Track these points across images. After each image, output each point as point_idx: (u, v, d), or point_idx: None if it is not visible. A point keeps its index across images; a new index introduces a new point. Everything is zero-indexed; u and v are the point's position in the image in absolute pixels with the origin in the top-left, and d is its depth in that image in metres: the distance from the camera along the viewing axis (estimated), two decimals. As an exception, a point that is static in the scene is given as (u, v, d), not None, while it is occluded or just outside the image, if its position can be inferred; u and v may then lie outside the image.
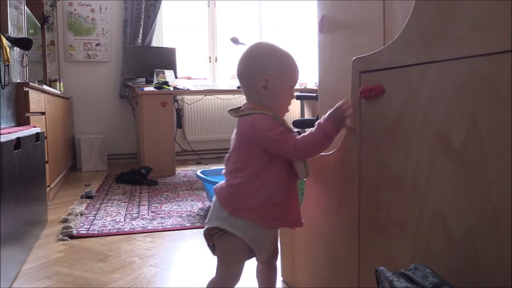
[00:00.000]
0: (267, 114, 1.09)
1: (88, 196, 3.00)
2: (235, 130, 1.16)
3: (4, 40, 2.11)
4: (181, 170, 4.21)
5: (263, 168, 1.08)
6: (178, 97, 4.91)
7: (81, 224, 2.31)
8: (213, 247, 1.18)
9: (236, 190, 1.10)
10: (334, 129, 1.04)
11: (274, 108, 1.13)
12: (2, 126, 2.02)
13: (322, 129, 1.05)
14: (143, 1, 4.75)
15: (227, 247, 1.12)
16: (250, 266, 1.27)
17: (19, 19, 2.68)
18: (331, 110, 1.06)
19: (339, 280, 1.16)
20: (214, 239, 1.15)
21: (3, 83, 2.10)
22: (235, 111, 1.17)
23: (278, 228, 1.23)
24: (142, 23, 4.77)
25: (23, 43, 2.39)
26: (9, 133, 1.68)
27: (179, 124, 4.93)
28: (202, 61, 5.27)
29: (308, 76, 5.01)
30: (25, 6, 2.88)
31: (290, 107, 1.21)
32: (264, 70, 1.10)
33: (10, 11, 2.39)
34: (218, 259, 1.16)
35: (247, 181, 1.09)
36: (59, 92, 3.88)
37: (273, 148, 1.07)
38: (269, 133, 1.05)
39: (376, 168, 0.97)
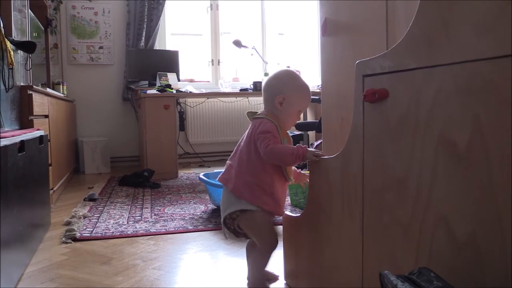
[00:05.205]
0: (273, 122, 1.38)
1: (91, 199, 3.00)
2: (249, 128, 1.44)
3: (8, 43, 2.12)
4: (183, 173, 4.22)
5: (263, 164, 1.35)
6: (181, 100, 4.92)
7: (84, 227, 2.31)
8: (234, 231, 1.44)
9: (249, 185, 1.36)
10: (302, 156, 1.28)
11: (282, 121, 1.41)
12: (6, 129, 2.03)
13: (296, 148, 1.30)
14: (146, 4, 4.76)
15: (254, 218, 1.37)
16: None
17: (22, 23, 2.69)
18: (312, 149, 1.31)
19: (343, 283, 1.16)
20: (237, 220, 1.39)
21: (7, 86, 2.11)
22: (252, 114, 1.47)
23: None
24: (145, 26, 4.79)
25: (27, 46, 2.40)
26: (13, 136, 1.69)
27: (182, 127, 4.94)
28: (205, 63, 5.28)
29: (311, 79, 5.01)
30: (29, 10, 2.90)
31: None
32: (285, 91, 1.40)
33: (14, 14, 2.40)
34: (254, 233, 1.41)
35: (255, 175, 1.36)
36: (62, 95, 3.89)
37: (257, 143, 1.35)
38: (262, 133, 1.35)
39: (380, 171, 0.97)
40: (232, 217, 1.40)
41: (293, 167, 1.48)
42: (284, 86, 1.42)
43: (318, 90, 1.69)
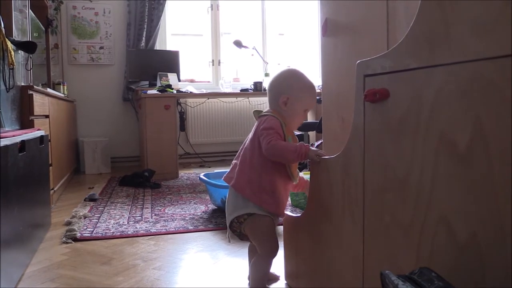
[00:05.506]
0: (277, 119, 1.38)
1: (92, 199, 3.00)
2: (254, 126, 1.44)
3: (9, 43, 2.12)
4: (184, 173, 4.22)
5: (265, 161, 1.34)
6: (181, 100, 4.92)
7: (85, 227, 2.31)
8: (239, 234, 1.43)
9: (250, 182, 1.36)
10: (304, 154, 1.27)
11: (287, 121, 1.40)
12: (6, 129, 2.03)
13: (298, 145, 1.29)
14: (147, 5, 4.76)
15: (261, 224, 1.37)
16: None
17: (23, 23, 2.69)
18: (314, 149, 1.29)
19: (343, 283, 1.15)
20: (244, 224, 1.39)
21: (7, 86, 2.11)
22: (258, 112, 1.47)
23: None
24: (145, 26, 4.79)
25: (28, 47, 2.40)
26: (13, 136, 1.69)
27: (182, 127, 4.94)
28: (205, 64, 5.28)
29: (311, 79, 5.01)
30: (30, 10, 2.90)
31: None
32: (289, 91, 1.39)
33: (14, 14, 2.40)
34: (256, 238, 1.40)
35: (257, 172, 1.36)
36: (63, 95, 3.89)
37: (260, 139, 1.34)
38: (265, 130, 1.34)
39: (380, 172, 0.97)
40: (239, 221, 1.39)
41: (300, 175, 1.46)
42: (288, 85, 1.41)
43: (319, 91, 1.69)
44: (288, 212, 1.52)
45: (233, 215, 1.39)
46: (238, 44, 4.58)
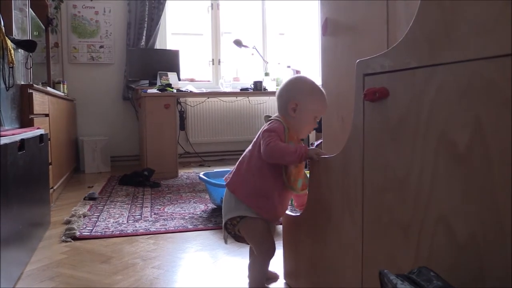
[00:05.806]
0: (282, 123, 1.36)
1: (91, 198, 3.00)
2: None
3: (9, 42, 2.12)
4: (183, 172, 4.22)
5: (262, 165, 1.34)
6: (181, 99, 4.92)
7: (84, 226, 2.31)
8: (234, 236, 1.44)
9: (245, 184, 1.37)
10: (304, 154, 1.26)
11: (297, 129, 1.38)
12: (6, 128, 2.03)
13: (298, 146, 1.28)
14: (147, 4, 4.76)
15: (254, 227, 1.37)
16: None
17: (23, 21, 2.69)
18: (314, 148, 1.30)
19: (342, 283, 1.15)
20: (238, 226, 1.38)
21: (7, 85, 2.11)
22: (268, 117, 1.45)
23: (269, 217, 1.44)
24: (145, 25, 4.78)
25: (28, 45, 2.40)
26: (13, 134, 1.69)
27: (182, 126, 4.94)
28: (205, 63, 5.28)
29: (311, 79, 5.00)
30: (30, 8, 2.90)
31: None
32: (297, 97, 1.37)
33: (14, 13, 2.40)
34: (251, 239, 1.40)
35: (253, 174, 1.35)
36: (62, 94, 3.89)
37: (261, 142, 1.33)
38: (266, 132, 1.33)
39: (380, 171, 0.97)
40: (233, 223, 1.39)
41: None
42: (296, 91, 1.39)
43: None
44: (288, 212, 1.51)
45: (226, 217, 1.40)
46: (238, 43, 4.58)
